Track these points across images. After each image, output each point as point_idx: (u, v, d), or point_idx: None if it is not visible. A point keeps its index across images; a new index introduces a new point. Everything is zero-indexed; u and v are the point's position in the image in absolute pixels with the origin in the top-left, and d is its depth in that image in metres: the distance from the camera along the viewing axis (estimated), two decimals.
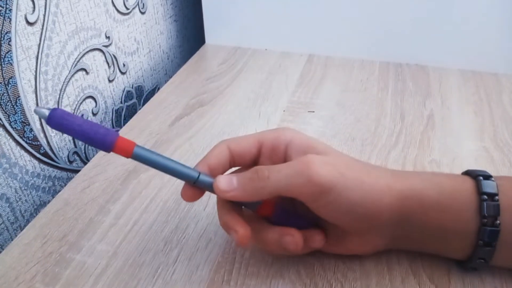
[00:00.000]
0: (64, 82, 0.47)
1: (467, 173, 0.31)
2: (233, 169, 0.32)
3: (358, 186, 0.27)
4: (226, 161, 0.30)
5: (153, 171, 0.43)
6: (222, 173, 0.30)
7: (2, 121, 0.39)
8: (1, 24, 0.38)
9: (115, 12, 0.55)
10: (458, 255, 0.31)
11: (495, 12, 0.56)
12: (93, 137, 0.26)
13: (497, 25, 0.57)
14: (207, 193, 0.40)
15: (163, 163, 0.28)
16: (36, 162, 0.44)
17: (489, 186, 0.29)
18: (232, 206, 0.30)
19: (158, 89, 0.69)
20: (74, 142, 0.50)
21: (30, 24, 0.41)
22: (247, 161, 0.31)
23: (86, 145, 0.53)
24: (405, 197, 0.29)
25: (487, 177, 0.29)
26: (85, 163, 0.52)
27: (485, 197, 0.28)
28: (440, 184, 0.30)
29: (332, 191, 0.27)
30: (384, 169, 0.31)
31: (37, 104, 0.43)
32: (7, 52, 0.39)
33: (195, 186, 0.29)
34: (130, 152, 0.27)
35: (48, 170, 0.46)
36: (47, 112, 0.25)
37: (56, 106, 0.46)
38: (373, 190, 0.28)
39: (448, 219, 0.29)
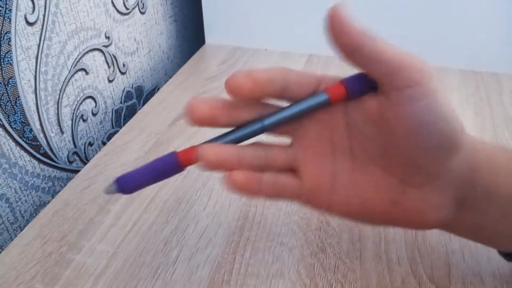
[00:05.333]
0: (64, 82, 0.47)
1: None
2: None
3: (446, 101, 0.24)
4: (277, 83, 0.25)
5: None
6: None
7: (1, 121, 0.39)
8: (1, 24, 0.38)
9: (115, 12, 0.54)
10: None
11: (496, 12, 0.56)
12: (160, 173, 0.25)
13: (497, 25, 0.57)
14: (205, 195, 0.40)
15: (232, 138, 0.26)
16: (36, 162, 0.44)
17: None
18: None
19: (158, 89, 0.69)
20: (73, 143, 0.50)
21: (29, 24, 0.41)
22: (300, 94, 0.26)
23: (86, 145, 0.53)
24: (474, 148, 0.26)
25: None
26: (84, 163, 0.52)
27: None
28: (506, 150, 0.27)
29: (430, 81, 0.23)
30: None
31: (36, 105, 0.43)
32: (7, 52, 0.39)
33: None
34: (195, 157, 0.25)
35: (48, 170, 0.46)
36: (114, 187, 0.25)
37: (56, 106, 0.46)
38: (456, 118, 0.24)
39: None
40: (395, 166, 0.25)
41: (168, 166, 0.25)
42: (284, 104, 0.26)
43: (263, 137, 0.26)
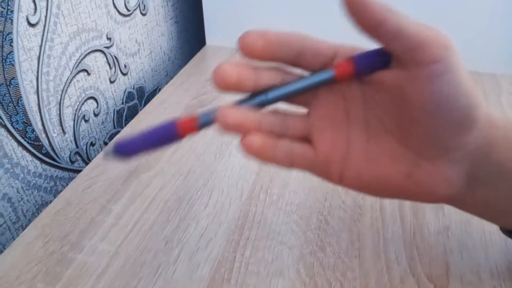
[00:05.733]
0: (65, 83, 0.47)
1: None
2: None
3: (467, 76, 0.23)
4: (292, 47, 0.25)
5: (153, 171, 0.43)
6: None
7: (4, 122, 0.40)
8: (3, 25, 0.38)
9: (116, 13, 0.55)
10: None
11: (495, 13, 0.57)
12: (158, 140, 0.25)
13: (496, 26, 0.57)
14: (206, 194, 0.40)
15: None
16: (38, 162, 0.45)
17: None
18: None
19: (159, 90, 0.69)
20: (75, 143, 0.51)
21: (31, 25, 0.41)
22: (315, 63, 0.26)
23: (88, 145, 0.53)
24: (491, 123, 0.25)
25: None
26: (86, 163, 0.52)
27: None
28: None
29: (454, 56, 0.23)
30: None
31: (38, 105, 0.44)
32: (9, 53, 0.39)
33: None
34: (196, 127, 0.25)
35: (49, 170, 0.46)
36: (111, 151, 0.25)
37: (58, 106, 0.46)
38: (476, 92, 0.24)
39: None
40: (410, 138, 0.25)
41: (167, 135, 0.25)
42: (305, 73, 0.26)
43: (281, 106, 0.26)
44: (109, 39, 0.54)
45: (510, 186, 0.26)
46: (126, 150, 0.25)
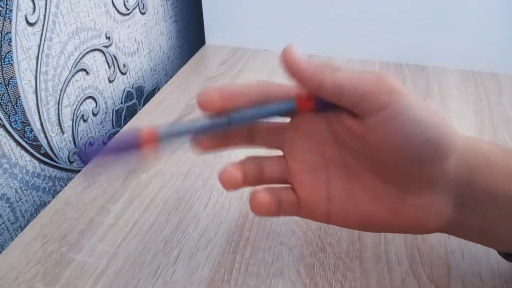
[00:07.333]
0: (64, 83, 0.47)
1: None
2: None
3: (426, 109, 0.23)
4: (252, 96, 0.26)
5: (153, 171, 0.43)
6: None
7: (2, 122, 0.39)
8: (2, 24, 0.38)
9: (115, 12, 0.55)
10: None
11: (495, 12, 0.57)
12: (120, 145, 0.26)
13: (497, 25, 0.57)
14: (205, 195, 0.40)
15: (193, 128, 0.27)
16: (36, 162, 0.44)
17: None
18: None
19: (158, 89, 0.69)
20: (74, 142, 0.50)
21: (30, 24, 0.41)
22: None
23: (86, 145, 0.53)
24: (470, 148, 0.25)
25: None
26: (85, 163, 0.52)
27: None
28: (505, 149, 0.27)
29: (400, 97, 0.23)
30: None
31: (37, 105, 0.43)
32: (8, 53, 0.39)
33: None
34: (156, 139, 0.26)
35: (48, 170, 0.46)
36: (77, 151, 0.27)
37: (56, 106, 0.46)
38: (441, 122, 0.24)
39: None
40: (390, 176, 0.25)
41: (128, 141, 0.25)
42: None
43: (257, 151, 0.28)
44: (108, 38, 0.54)
45: (498, 209, 0.26)
46: (89, 152, 0.26)
